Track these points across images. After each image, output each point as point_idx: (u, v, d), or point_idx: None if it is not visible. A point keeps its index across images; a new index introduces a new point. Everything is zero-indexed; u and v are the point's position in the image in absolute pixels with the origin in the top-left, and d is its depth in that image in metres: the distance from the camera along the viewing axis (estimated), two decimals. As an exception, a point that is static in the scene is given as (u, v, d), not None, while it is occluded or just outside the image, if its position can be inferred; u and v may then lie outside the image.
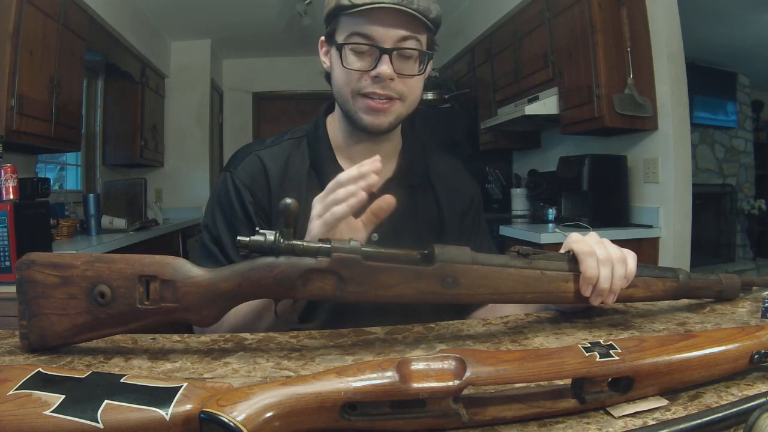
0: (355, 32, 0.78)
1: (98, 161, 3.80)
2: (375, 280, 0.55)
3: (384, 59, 0.77)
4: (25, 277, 0.52)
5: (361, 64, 0.79)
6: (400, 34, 0.77)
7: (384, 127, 0.82)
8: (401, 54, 0.78)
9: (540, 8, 2.85)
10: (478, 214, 0.98)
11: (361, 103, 0.80)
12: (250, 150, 0.89)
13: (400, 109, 0.82)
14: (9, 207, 1.67)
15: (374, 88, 0.78)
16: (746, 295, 0.74)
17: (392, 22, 0.77)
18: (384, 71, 0.77)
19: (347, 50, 0.79)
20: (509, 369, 0.39)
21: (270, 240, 0.53)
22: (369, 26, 0.77)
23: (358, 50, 0.78)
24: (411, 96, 0.82)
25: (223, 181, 0.87)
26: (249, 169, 0.86)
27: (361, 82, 0.79)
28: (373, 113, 0.80)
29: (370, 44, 0.77)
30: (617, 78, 2.38)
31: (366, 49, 0.78)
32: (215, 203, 0.87)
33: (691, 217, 2.43)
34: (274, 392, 0.35)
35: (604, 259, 0.62)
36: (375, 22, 0.76)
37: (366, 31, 0.77)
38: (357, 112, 0.81)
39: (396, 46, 0.78)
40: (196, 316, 0.53)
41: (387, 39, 0.77)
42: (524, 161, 3.69)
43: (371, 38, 0.77)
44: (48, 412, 0.32)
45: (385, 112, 0.80)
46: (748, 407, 0.37)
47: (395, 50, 0.77)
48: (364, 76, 0.79)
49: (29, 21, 2.27)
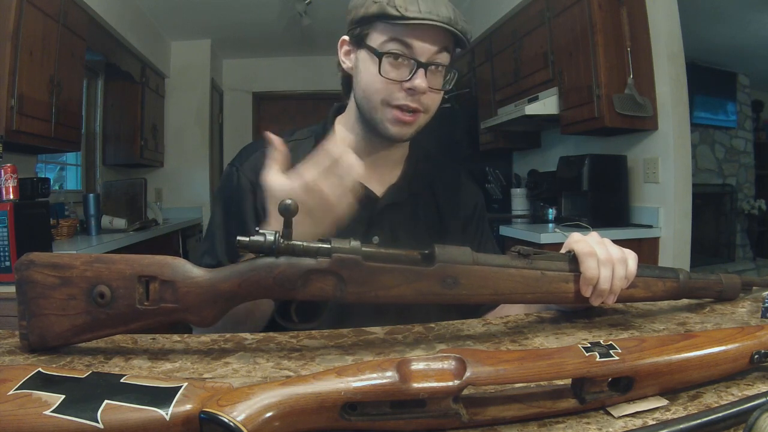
0: (393, 38, 0.78)
1: (98, 161, 3.80)
2: (375, 281, 0.55)
3: (419, 73, 0.77)
4: (25, 278, 0.52)
5: (397, 74, 0.79)
6: (436, 48, 0.78)
7: (406, 137, 0.83)
8: (436, 69, 0.79)
9: (540, 8, 2.85)
10: (482, 221, 0.98)
11: (390, 113, 0.80)
12: (257, 147, 0.88)
13: (423, 120, 0.83)
14: (9, 207, 1.67)
15: (406, 100, 0.79)
16: (746, 295, 0.74)
17: (434, 38, 0.77)
18: (419, 85, 0.77)
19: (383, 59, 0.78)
20: (509, 369, 0.38)
21: (270, 240, 0.53)
22: (412, 38, 0.77)
23: (396, 61, 0.78)
24: (433, 108, 0.83)
25: (227, 174, 0.87)
26: (255, 165, 0.85)
27: (393, 93, 0.79)
28: (400, 124, 0.80)
29: (410, 56, 0.78)
30: (617, 78, 2.38)
31: (404, 60, 0.78)
32: (217, 195, 0.89)
33: (691, 217, 2.43)
34: (274, 392, 0.34)
35: (604, 259, 0.62)
36: (418, 36, 0.77)
37: (408, 41, 0.77)
38: (383, 121, 0.81)
39: (430, 60, 0.78)
40: (196, 317, 0.53)
41: (424, 53, 0.78)
42: (524, 161, 3.69)
43: (412, 50, 0.77)
44: (48, 412, 0.32)
45: (410, 124, 0.81)
46: (748, 407, 0.37)
47: (431, 65, 0.78)
48: (397, 87, 0.79)
49: (29, 21, 2.27)
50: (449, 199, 0.94)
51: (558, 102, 2.70)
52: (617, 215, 2.55)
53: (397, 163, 0.91)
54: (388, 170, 0.90)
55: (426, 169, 0.93)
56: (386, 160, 0.89)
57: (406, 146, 0.92)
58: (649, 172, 2.50)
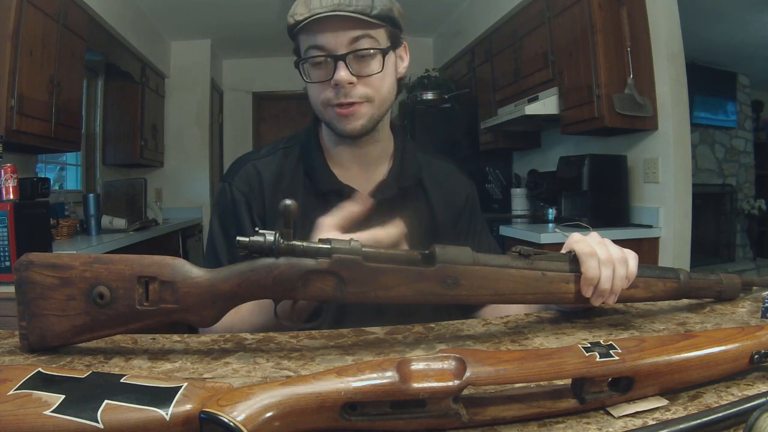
0: (309, 46, 0.79)
1: (98, 161, 3.80)
2: (375, 281, 0.55)
3: (340, 66, 0.77)
4: (24, 278, 0.52)
5: (321, 75, 0.80)
6: (349, 36, 0.77)
7: (357, 130, 0.82)
8: (357, 56, 0.78)
9: (540, 8, 2.85)
10: (474, 212, 0.98)
11: (331, 112, 0.81)
12: (246, 160, 0.91)
13: (370, 110, 0.81)
14: (9, 207, 1.67)
15: (339, 98, 0.79)
16: (746, 295, 0.74)
17: (338, 27, 0.77)
18: (341, 77, 0.77)
19: (307, 66, 0.80)
20: (509, 369, 0.38)
21: (270, 241, 0.53)
22: (318, 37, 0.78)
23: (316, 62, 0.79)
24: (378, 96, 0.81)
25: (221, 191, 0.89)
26: (245, 178, 0.88)
27: (325, 93, 0.80)
28: (344, 119, 0.81)
29: (324, 54, 0.78)
30: (617, 78, 2.38)
31: (322, 60, 0.79)
32: (214, 213, 0.90)
33: (691, 217, 2.43)
34: (274, 392, 0.34)
35: (605, 259, 0.62)
36: (322, 32, 0.77)
37: (317, 42, 0.78)
38: (331, 121, 0.83)
39: (350, 49, 0.78)
40: (196, 317, 0.53)
41: (339, 45, 0.77)
42: (524, 161, 3.69)
43: (324, 48, 0.78)
44: (48, 412, 0.32)
45: (353, 115, 0.80)
46: (748, 407, 0.37)
47: (349, 54, 0.77)
48: (327, 86, 0.79)
49: (29, 21, 2.27)
50: (439, 192, 0.93)
51: (558, 102, 2.70)
52: (617, 215, 2.55)
53: (381, 161, 0.91)
54: (373, 168, 0.90)
55: (414, 163, 0.93)
56: (367, 157, 0.89)
57: (389, 142, 0.92)
58: (649, 172, 2.50)
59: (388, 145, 0.91)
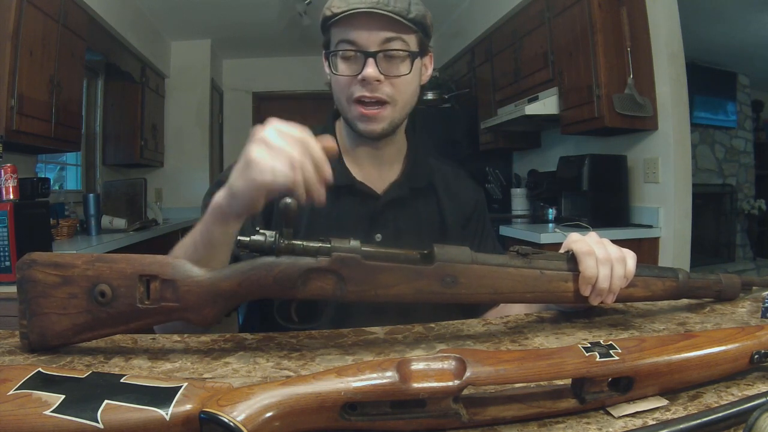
0: (341, 40, 0.80)
1: (98, 161, 3.80)
2: (375, 280, 0.55)
3: (369, 62, 0.79)
4: (26, 277, 0.52)
5: (350, 69, 0.81)
6: (382, 36, 0.79)
7: (377, 133, 0.83)
8: (387, 55, 0.80)
9: (540, 8, 2.85)
10: (482, 217, 0.99)
11: (355, 110, 0.82)
12: None
13: (392, 114, 0.83)
14: (9, 207, 1.67)
15: (363, 91, 0.80)
16: (746, 295, 0.74)
17: (373, 25, 0.78)
18: (369, 73, 0.78)
19: (336, 58, 0.81)
20: (509, 369, 0.39)
21: (270, 240, 0.53)
22: (352, 32, 0.79)
23: (346, 56, 0.81)
24: (402, 99, 0.83)
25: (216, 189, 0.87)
26: None
27: (351, 88, 0.81)
28: (366, 120, 0.82)
29: (355, 49, 0.79)
30: (617, 78, 2.38)
31: (352, 54, 0.80)
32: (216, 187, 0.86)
33: (691, 217, 2.42)
34: (274, 392, 0.35)
35: (603, 258, 0.62)
36: (357, 28, 0.78)
37: (350, 37, 0.79)
38: (353, 119, 0.83)
39: (381, 48, 0.79)
40: (197, 316, 0.53)
41: (371, 43, 0.79)
42: (524, 161, 3.68)
43: (355, 43, 0.79)
44: (48, 412, 0.32)
45: (376, 118, 0.81)
46: (748, 407, 0.37)
47: (380, 52, 0.79)
48: (354, 81, 0.80)
49: (29, 21, 2.27)
50: (450, 196, 0.94)
51: (558, 102, 2.69)
52: (617, 215, 2.55)
53: (395, 161, 0.92)
54: (387, 168, 0.91)
55: (426, 165, 0.94)
56: (383, 158, 0.90)
57: (403, 143, 0.93)
58: (649, 172, 2.50)
59: (402, 146, 0.93)
